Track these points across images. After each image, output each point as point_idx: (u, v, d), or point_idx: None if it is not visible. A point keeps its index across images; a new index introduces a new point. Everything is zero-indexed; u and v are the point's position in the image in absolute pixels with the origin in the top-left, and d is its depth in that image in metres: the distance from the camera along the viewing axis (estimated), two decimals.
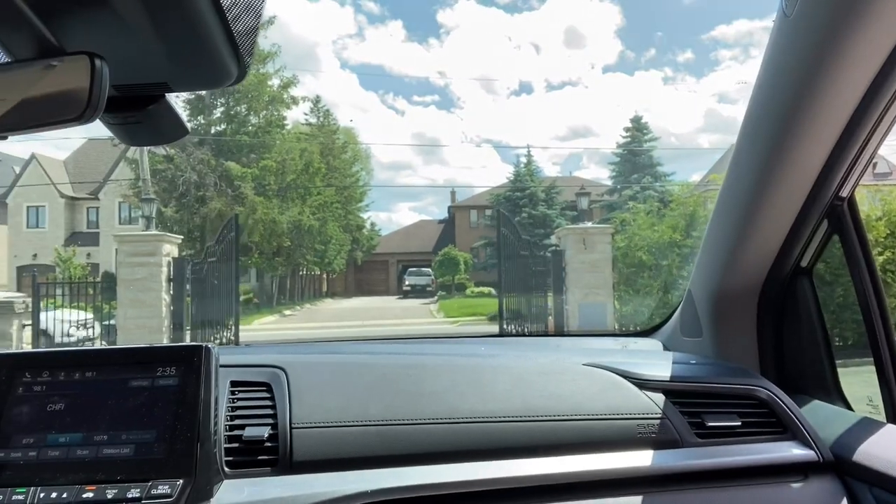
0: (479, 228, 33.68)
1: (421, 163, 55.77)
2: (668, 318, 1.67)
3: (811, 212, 1.16)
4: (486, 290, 27.64)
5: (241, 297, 26.63)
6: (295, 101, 23.00)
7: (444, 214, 40.47)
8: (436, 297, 27.27)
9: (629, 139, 28.34)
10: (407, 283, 30.58)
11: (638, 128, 28.26)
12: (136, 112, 0.70)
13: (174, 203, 20.32)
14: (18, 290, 30.90)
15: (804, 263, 1.28)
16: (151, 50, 0.60)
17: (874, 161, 1.11)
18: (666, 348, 1.59)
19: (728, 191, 1.24)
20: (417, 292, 29.42)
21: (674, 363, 1.26)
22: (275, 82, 22.40)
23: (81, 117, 0.57)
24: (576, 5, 47.20)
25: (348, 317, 19.39)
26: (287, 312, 22.28)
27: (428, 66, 50.07)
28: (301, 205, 21.86)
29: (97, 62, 0.56)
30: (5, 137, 0.62)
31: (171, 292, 8.31)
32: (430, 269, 30.79)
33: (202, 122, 22.04)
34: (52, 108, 0.57)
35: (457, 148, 52.23)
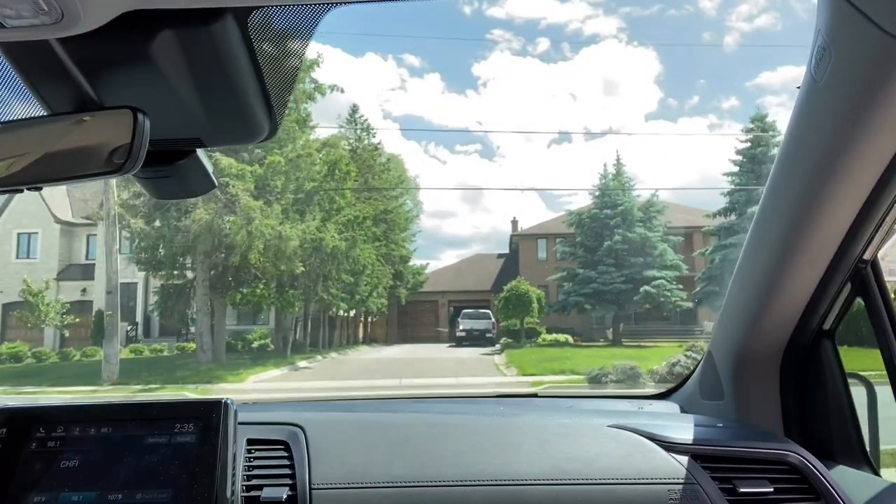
0: (551, 261, 27.32)
1: (467, 210, 54.06)
2: (684, 381, 1.65)
3: (835, 274, 1.16)
4: (561, 337, 21.50)
5: (255, 343, 21.65)
6: (320, 89, 17.69)
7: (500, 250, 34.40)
8: (499, 346, 21.59)
9: (749, 143, 21.82)
10: (462, 327, 24.91)
11: (763, 128, 21.62)
12: (167, 166, 0.71)
13: (154, 213, 15.10)
14: (3, 330, 27.12)
15: (827, 326, 1.29)
16: (189, 107, 0.63)
17: None
18: (683, 411, 1.57)
19: (751, 252, 1.24)
20: (474, 339, 23.75)
21: (699, 426, 1.27)
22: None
23: (121, 170, 0.57)
24: (610, 55, 47.69)
25: (383, 372, 14.30)
26: (302, 364, 16.57)
27: (467, 116, 50.45)
28: (322, 218, 16.23)
29: (140, 117, 0.56)
30: (39, 189, 0.61)
31: None
32: (489, 311, 25.22)
33: None
34: (89, 161, 0.58)
35: (501, 195, 50.95)
